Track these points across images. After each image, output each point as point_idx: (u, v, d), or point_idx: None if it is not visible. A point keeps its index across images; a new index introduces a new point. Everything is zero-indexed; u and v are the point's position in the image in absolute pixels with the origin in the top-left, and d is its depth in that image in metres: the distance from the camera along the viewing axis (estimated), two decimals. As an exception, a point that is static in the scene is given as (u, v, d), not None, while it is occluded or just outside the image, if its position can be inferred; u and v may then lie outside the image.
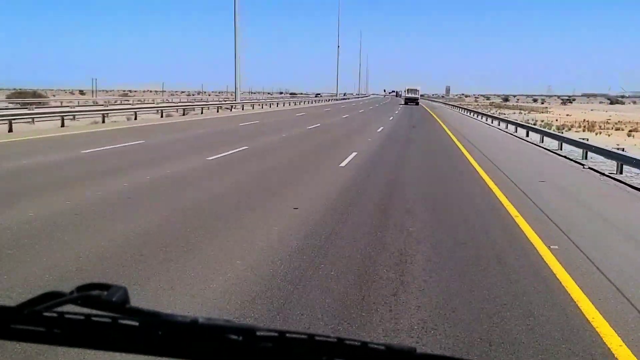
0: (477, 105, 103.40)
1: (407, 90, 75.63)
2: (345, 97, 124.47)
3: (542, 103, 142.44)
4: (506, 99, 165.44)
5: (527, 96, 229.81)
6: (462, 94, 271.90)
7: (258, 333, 0.66)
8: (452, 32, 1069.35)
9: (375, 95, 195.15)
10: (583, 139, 16.96)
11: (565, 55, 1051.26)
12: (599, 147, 14.66)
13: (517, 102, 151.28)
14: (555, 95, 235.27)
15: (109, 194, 8.39)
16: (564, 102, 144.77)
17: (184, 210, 7.44)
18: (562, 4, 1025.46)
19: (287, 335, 0.66)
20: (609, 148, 14.25)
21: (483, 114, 40.34)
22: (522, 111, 72.58)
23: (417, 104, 70.79)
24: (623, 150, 13.97)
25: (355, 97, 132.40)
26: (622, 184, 11.24)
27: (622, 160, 12.48)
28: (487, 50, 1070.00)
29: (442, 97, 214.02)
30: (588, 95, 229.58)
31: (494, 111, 60.86)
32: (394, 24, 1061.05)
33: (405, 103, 71.14)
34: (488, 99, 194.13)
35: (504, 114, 61.51)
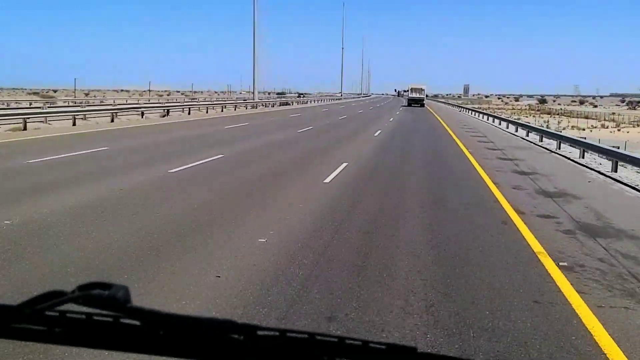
0: (514, 110, 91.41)
1: (411, 89, 71.57)
2: (301, 96, 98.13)
3: (595, 106, 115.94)
4: (543, 101, 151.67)
5: (555, 96, 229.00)
6: (479, 94, 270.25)
7: (259, 332, 0.74)
8: (469, 30, 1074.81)
9: (376, 96, 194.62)
10: None
11: (590, 54, 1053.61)
12: None
13: (557, 104, 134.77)
14: (590, 96, 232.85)
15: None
16: (632, 106, 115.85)
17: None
18: (587, 2, 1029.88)
19: (288, 334, 0.73)
20: None
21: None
22: (603, 122, 59.22)
23: (423, 105, 66.92)
24: None
25: (331, 100, 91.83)
26: None
27: None
28: (506, 48, 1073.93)
29: (459, 97, 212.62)
30: (623, 96, 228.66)
31: (555, 123, 47.68)
32: (405, 22, 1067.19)
33: (409, 104, 67.55)
34: (517, 99, 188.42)
35: (579, 127, 48.60)
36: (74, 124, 23.91)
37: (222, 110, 42.60)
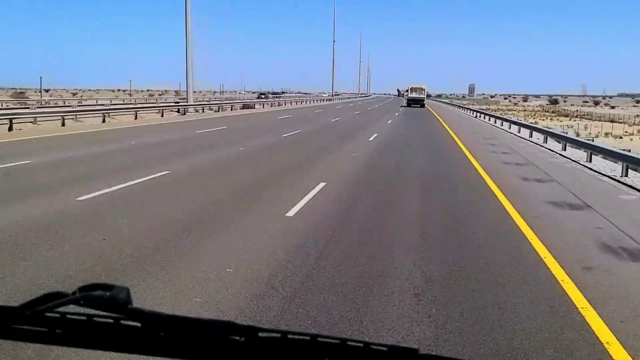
0: (526, 112, 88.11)
1: (411, 89, 70.31)
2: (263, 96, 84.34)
3: (612, 107, 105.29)
4: (555, 101, 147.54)
5: (563, 96, 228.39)
6: (483, 94, 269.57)
7: (260, 334, 0.76)
8: (472, 30, 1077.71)
9: (377, 96, 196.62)
10: None
11: (596, 53, 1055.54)
12: None
13: (569, 104, 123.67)
14: (599, 96, 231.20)
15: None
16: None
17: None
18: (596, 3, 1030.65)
19: (289, 336, 0.75)
20: None
21: None
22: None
23: (423, 106, 65.62)
24: None
25: (319, 102, 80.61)
26: None
27: None
28: (510, 48, 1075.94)
29: (464, 97, 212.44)
30: (633, 96, 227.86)
31: (582, 128, 42.94)
32: (408, 22, 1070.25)
33: (408, 105, 66.70)
34: (525, 99, 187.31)
35: (614, 134, 43.66)
36: None
37: (103, 121, 28.50)
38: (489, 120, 39.45)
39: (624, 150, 15.93)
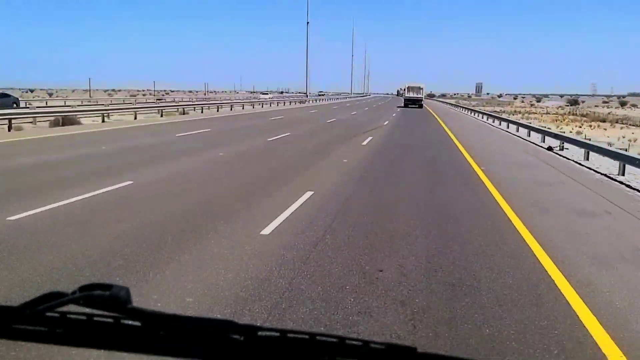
0: (549, 115, 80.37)
1: (408, 88, 67.57)
2: None
3: None
4: (575, 102, 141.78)
5: (574, 95, 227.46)
6: (488, 93, 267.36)
7: (259, 333, 0.79)
8: (477, 27, 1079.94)
9: (375, 95, 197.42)
10: None
11: (605, 52, 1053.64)
12: None
13: (594, 105, 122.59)
14: (614, 95, 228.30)
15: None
16: None
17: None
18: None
19: (289, 335, 0.78)
20: None
21: None
22: None
23: (421, 106, 63.36)
24: None
25: (283, 104, 63.07)
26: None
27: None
28: (516, 46, 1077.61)
29: (469, 96, 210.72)
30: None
31: None
32: (411, 20, 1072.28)
33: (405, 105, 64.66)
34: (538, 100, 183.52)
35: None
36: None
37: None
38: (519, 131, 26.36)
39: None
